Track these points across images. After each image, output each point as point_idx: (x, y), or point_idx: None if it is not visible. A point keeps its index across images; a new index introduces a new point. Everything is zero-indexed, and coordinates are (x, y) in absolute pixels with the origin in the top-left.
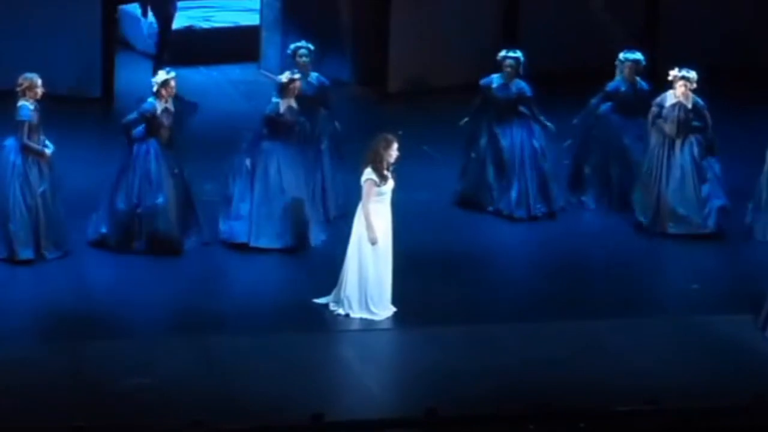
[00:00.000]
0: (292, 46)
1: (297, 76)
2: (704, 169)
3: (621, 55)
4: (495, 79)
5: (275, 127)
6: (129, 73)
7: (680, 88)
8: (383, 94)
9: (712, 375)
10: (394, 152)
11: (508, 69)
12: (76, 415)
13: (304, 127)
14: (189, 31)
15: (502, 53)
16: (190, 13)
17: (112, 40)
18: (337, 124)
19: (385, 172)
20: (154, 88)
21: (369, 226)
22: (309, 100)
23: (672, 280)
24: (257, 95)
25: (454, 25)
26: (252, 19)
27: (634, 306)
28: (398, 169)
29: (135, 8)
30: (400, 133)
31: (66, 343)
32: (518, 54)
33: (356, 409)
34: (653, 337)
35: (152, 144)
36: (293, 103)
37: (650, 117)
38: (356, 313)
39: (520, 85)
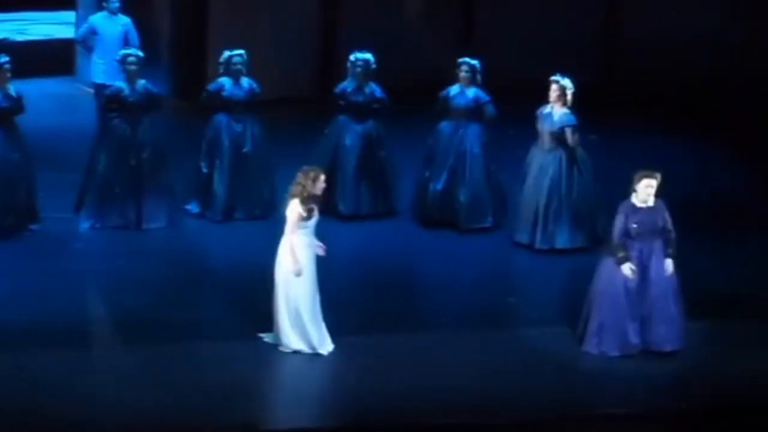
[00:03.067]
0: (122, 52)
1: (5, 59)
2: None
3: (351, 56)
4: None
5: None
6: None
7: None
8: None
9: (525, 388)
10: (321, 184)
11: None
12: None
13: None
14: (3, 45)
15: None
16: (4, 26)
17: None
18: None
19: (312, 206)
20: None
21: (294, 259)
22: (134, 108)
23: (489, 292)
24: (73, 108)
25: (275, 38)
26: (67, 32)
27: (452, 319)
28: None
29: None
30: None
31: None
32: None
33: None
34: (474, 350)
35: None
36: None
37: None
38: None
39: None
